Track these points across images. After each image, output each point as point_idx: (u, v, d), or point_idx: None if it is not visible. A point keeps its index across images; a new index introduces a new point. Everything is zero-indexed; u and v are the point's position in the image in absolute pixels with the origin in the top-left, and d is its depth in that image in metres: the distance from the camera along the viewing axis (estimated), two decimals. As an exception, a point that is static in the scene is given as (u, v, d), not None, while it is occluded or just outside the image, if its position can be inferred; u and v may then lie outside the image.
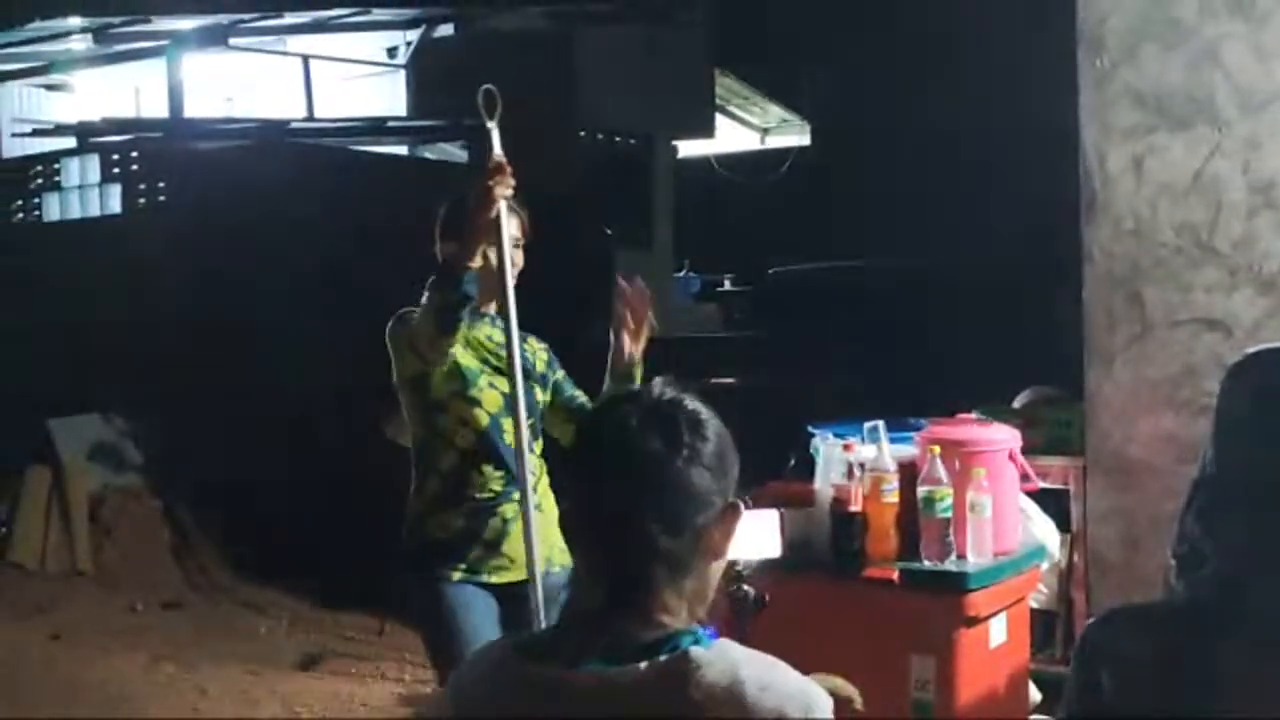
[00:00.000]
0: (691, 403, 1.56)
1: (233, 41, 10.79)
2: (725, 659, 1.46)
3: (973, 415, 4.05)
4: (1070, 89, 4.26)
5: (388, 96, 11.56)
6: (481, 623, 3.07)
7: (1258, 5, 3.92)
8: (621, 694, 1.44)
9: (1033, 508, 4.05)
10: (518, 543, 3.10)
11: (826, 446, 3.49)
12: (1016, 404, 5.19)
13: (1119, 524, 4.19)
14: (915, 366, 8.32)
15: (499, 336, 3.23)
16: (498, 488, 3.17)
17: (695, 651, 1.46)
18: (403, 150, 11.74)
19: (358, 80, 11.79)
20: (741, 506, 1.56)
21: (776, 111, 14.70)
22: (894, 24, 11.69)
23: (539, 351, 3.42)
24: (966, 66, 11.08)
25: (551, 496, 3.26)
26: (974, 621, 3.25)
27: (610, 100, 10.83)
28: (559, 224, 10.11)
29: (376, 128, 11.07)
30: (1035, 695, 3.86)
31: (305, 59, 11.16)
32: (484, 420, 3.17)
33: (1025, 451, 3.63)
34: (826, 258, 11.16)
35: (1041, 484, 3.83)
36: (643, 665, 1.44)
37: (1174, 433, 4.02)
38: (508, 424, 3.14)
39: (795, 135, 14.78)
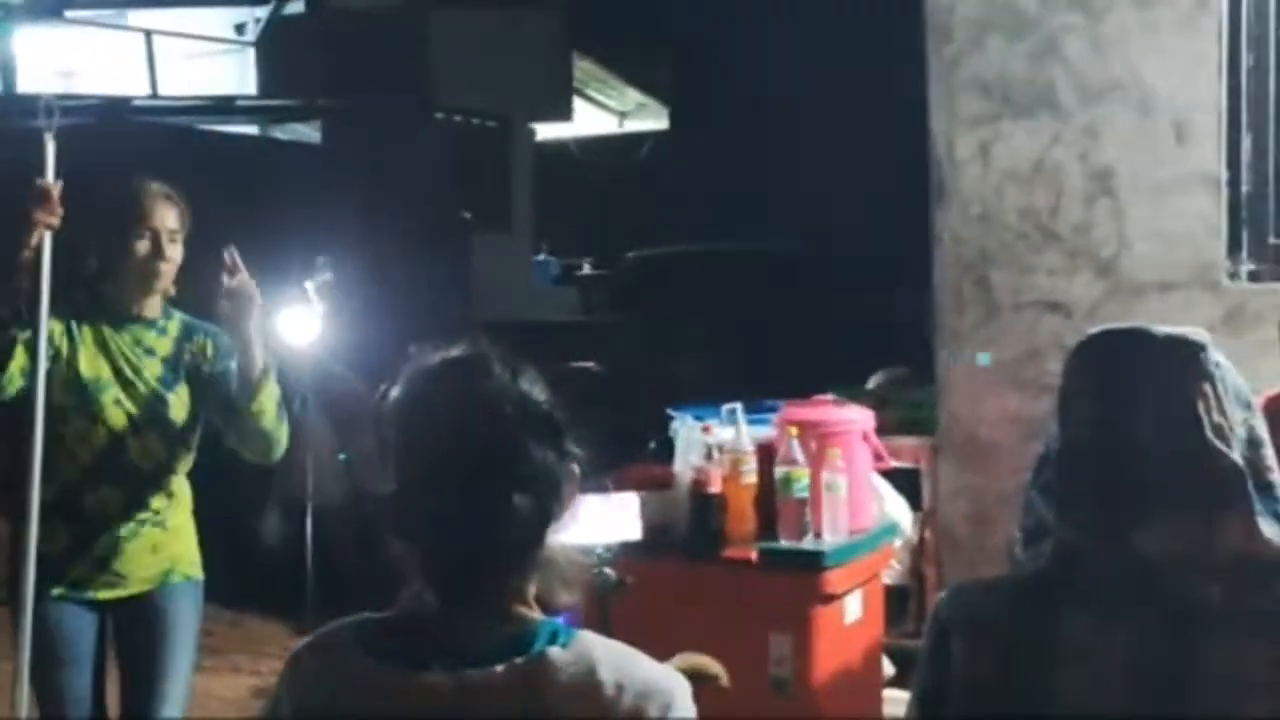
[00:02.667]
0: (508, 362, 1.48)
1: (69, 14, 10.36)
2: (582, 659, 1.40)
3: (828, 396, 4.13)
4: (922, 77, 4.36)
5: (236, 75, 11.25)
6: (78, 641, 2.96)
7: (1096, -1, 4.06)
8: (476, 697, 1.38)
9: (885, 486, 4.14)
10: (132, 560, 3.01)
11: (685, 429, 3.51)
12: (870, 385, 5.31)
13: (968, 501, 4.32)
14: (774, 349, 8.44)
15: (153, 341, 3.06)
16: (113, 506, 3.00)
17: (552, 653, 1.40)
18: (253, 130, 11.43)
19: (204, 58, 11.43)
20: (576, 470, 1.47)
21: (634, 95, 14.72)
22: (752, 6, 11.81)
23: (204, 348, 3.14)
24: (827, 48, 11.26)
25: (188, 513, 3.17)
26: (830, 599, 3.31)
27: (467, 82, 10.71)
28: (415, 207, 10.00)
29: (225, 107, 10.75)
30: (889, 669, 3.96)
31: (148, 34, 10.76)
32: (103, 440, 2.97)
33: (878, 432, 3.71)
34: (685, 241, 11.24)
35: (894, 463, 3.92)
36: (499, 668, 1.38)
37: (1018, 412, 4.16)
38: (136, 445, 2.99)
39: (653, 119, 14.83)
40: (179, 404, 3.07)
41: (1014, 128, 4.21)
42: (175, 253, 3.07)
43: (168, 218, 3.06)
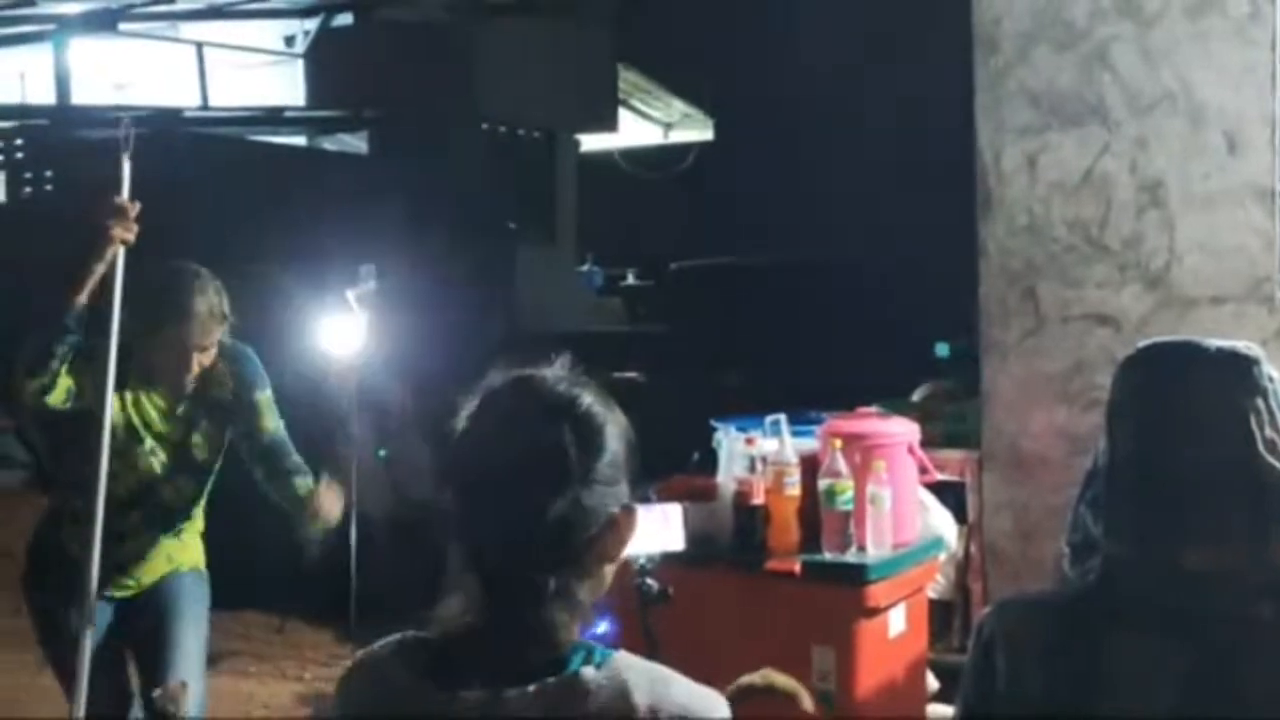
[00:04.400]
0: (587, 399, 1.47)
1: (123, 27, 10.50)
2: (615, 681, 1.39)
3: (873, 409, 4.11)
4: (968, 89, 4.34)
5: (285, 86, 11.35)
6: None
7: (1146, 8, 4.02)
8: (508, 716, 1.38)
9: (931, 500, 4.12)
10: (147, 566, 3.26)
11: (729, 440, 3.51)
12: (915, 397, 5.27)
13: (1013, 515, 4.28)
14: (817, 360, 8.41)
15: (164, 404, 3.22)
16: (139, 529, 3.24)
17: (586, 674, 1.39)
18: (301, 141, 11.54)
19: (254, 69, 11.56)
20: (636, 510, 1.48)
21: (679, 106, 14.72)
22: (798, 20, 11.79)
23: (224, 379, 3.29)
24: (866, 64, 11.22)
25: (200, 525, 3.40)
26: (874, 612, 3.30)
27: (512, 93, 10.75)
28: (460, 217, 10.04)
29: (274, 118, 10.87)
30: (933, 683, 3.93)
31: (199, 46, 10.89)
32: (134, 484, 3.19)
33: (923, 444, 3.68)
34: (730, 252, 11.23)
35: (939, 476, 3.89)
36: (531, 689, 1.38)
37: (1065, 426, 4.12)
38: (169, 488, 3.23)
39: (698, 130, 14.82)
40: (203, 443, 3.26)
41: (1062, 138, 4.17)
42: (212, 340, 3.17)
43: (210, 308, 3.14)
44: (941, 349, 5.90)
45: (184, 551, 3.35)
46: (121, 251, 2.99)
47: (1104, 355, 4.00)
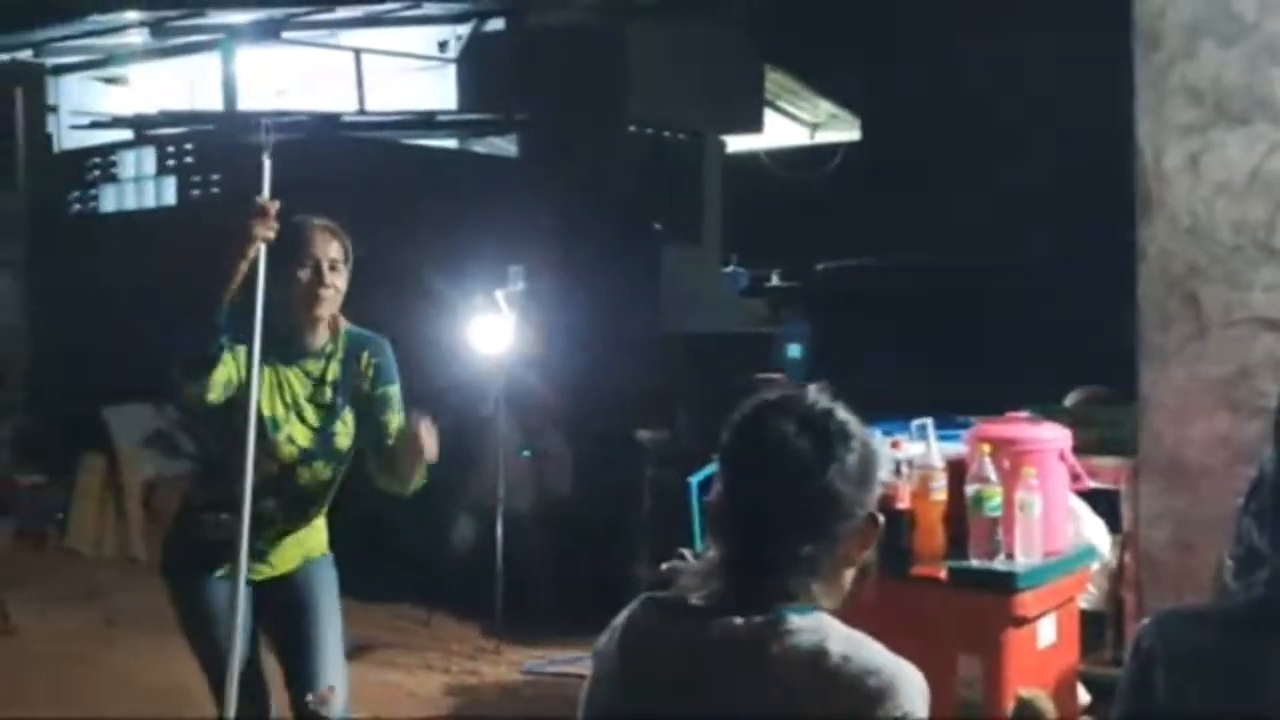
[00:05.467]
0: (842, 413, 1.63)
1: (285, 35, 10.88)
2: (818, 628, 1.52)
3: (1023, 414, 4.02)
4: (1127, 87, 4.21)
5: (438, 90, 11.61)
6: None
7: (1320, 0, 3.86)
8: (710, 647, 1.51)
9: (1083, 508, 4.01)
10: (282, 552, 3.34)
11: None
12: (1067, 403, 5.15)
13: (1171, 525, 4.14)
14: (966, 364, 8.26)
15: (320, 369, 3.28)
16: (276, 515, 3.30)
17: (790, 617, 1.52)
18: (452, 144, 11.79)
19: (408, 74, 11.85)
20: (880, 519, 1.65)
21: (826, 107, 14.58)
22: (949, 19, 11.60)
23: (368, 369, 3.36)
24: (1021, 63, 10.97)
25: (323, 516, 3.44)
26: (1022, 621, 3.23)
27: (659, 95, 10.80)
28: (607, 218, 10.14)
29: (427, 121, 11.12)
30: (1084, 697, 3.83)
31: (357, 53, 11.21)
32: (274, 469, 3.25)
33: (1076, 451, 3.60)
34: (876, 254, 11.09)
35: (1092, 484, 3.79)
36: (739, 620, 1.51)
37: (1228, 434, 3.97)
38: (306, 472, 3.28)
39: (845, 131, 14.67)
40: (344, 431, 3.32)
41: (1228, 137, 4.02)
42: (339, 281, 3.25)
43: (330, 248, 3.24)
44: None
45: (313, 535, 3.43)
46: (263, 249, 3.07)
47: (1270, 361, 3.85)
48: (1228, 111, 4.02)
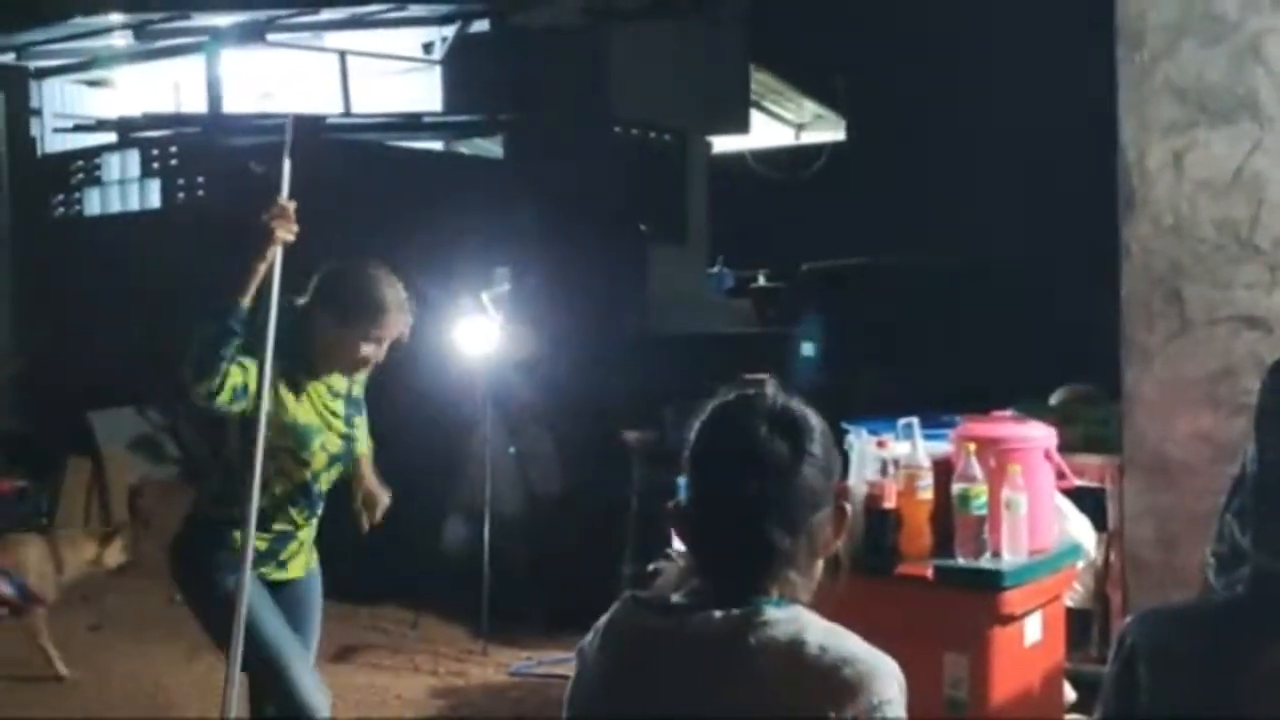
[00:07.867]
0: (800, 405, 1.66)
1: (270, 37, 10.85)
2: (794, 620, 1.53)
3: (1008, 412, 4.03)
4: (1108, 85, 4.23)
5: (423, 92, 11.60)
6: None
7: (1301, -1, 3.88)
8: (688, 641, 1.53)
9: (1068, 506, 4.03)
10: (294, 556, 3.41)
11: (860, 443, 3.48)
12: (1052, 401, 5.16)
13: (1155, 523, 4.16)
14: (950, 362, 8.28)
15: (336, 382, 3.35)
16: (299, 522, 3.38)
17: (767, 609, 1.53)
18: (438, 146, 11.77)
19: (394, 76, 11.83)
20: (849, 507, 1.66)
21: (811, 107, 14.60)
22: (929, 19, 11.63)
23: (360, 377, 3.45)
24: (1001, 61, 11.01)
25: (315, 526, 3.50)
26: (1008, 620, 3.23)
27: (645, 95, 10.81)
28: (593, 219, 10.14)
29: (412, 123, 11.11)
30: (1070, 694, 3.84)
31: (342, 54, 11.19)
32: (306, 477, 3.31)
33: (1061, 449, 3.61)
34: (861, 254, 11.12)
35: (1077, 482, 3.80)
36: (717, 614, 1.53)
37: (1211, 432, 3.99)
38: (325, 477, 3.35)
39: (830, 131, 14.71)
40: (362, 436, 3.41)
41: (1211, 135, 4.04)
42: (399, 335, 3.33)
43: (399, 328, 3.30)
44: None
45: (311, 543, 3.51)
46: (279, 251, 3.11)
47: (1253, 359, 3.87)
48: (1210, 110, 4.04)
